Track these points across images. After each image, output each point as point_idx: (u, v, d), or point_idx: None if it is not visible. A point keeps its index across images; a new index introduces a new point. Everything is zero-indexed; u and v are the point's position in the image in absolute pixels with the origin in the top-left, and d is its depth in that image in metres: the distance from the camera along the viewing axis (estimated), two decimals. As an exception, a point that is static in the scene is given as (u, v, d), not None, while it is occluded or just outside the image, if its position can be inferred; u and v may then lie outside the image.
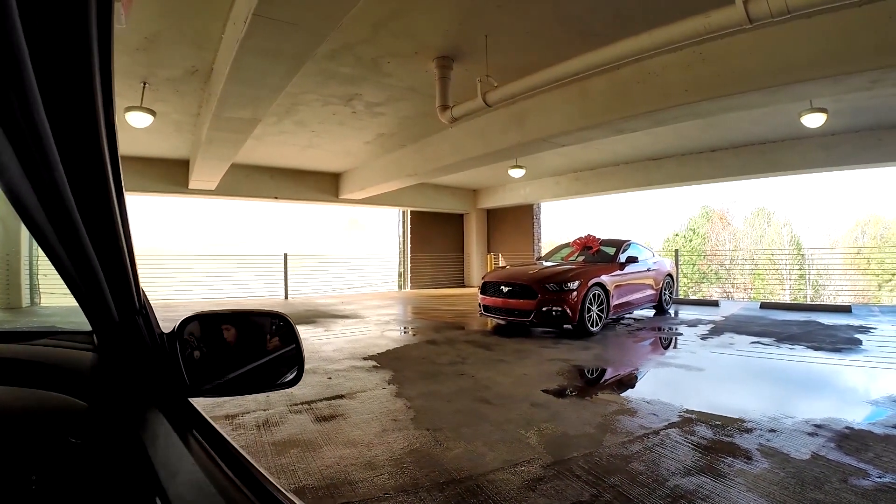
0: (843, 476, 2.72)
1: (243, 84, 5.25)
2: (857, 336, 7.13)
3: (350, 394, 4.44)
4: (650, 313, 10.01)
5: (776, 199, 43.21)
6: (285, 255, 14.12)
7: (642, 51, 4.52)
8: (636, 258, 8.88)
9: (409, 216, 17.30)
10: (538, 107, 7.27)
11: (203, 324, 1.00)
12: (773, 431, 3.44)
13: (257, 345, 1.08)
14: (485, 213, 18.55)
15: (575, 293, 7.27)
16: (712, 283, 24.98)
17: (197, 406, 0.97)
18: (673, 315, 9.96)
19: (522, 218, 17.32)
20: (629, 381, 4.99)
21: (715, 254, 26.89)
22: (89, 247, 0.65)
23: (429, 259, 17.64)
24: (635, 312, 9.75)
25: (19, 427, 0.73)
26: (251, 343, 1.07)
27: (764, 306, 11.21)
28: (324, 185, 14.04)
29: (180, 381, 0.93)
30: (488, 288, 8.18)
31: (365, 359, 5.87)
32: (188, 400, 0.95)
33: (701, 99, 5.56)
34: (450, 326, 8.57)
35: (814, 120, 7.37)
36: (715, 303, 12.11)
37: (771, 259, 22.33)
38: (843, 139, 9.63)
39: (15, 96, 0.42)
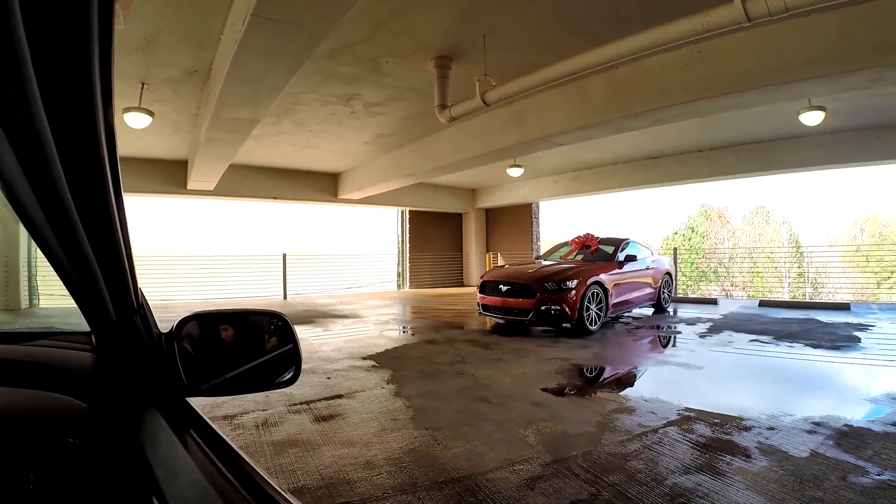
0: (842, 474, 2.72)
1: (242, 84, 5.25)
2: (856, 334, 7.14)
3: (349, 393, 4.45)
4: (649, 312, 10.02)
5: (775, 198, 43.13)
6: (284, 256, 14.12)
7: (641, 50, 4.52)
8: (635, 257, 8.89)
9: (408, 216, 17.30)
10: (537, 106, 7.26)
11: (200, 324, 1.00)
12: (772, 429, 3.44)
13: (255, 344, 1.08)
14: (483, 213, 18.56)
15: (573, 292, 7.28)
16: (711, 282, 25.00)
17: (195, 406, 0.97)
18: (672, 313, 9.97)
19: (521, 217, 17.32)
20: (628, 380, 5.00)
21: (714, 252, 26.90)
22: (87, 247, 0.65)
23: (428, 258, 17.64)
24: (634, 311, 9.76)
25: (18, 427, 0.73)
26: (249, 343, 1.07)
27: (763, 304, 11.24)
28: (322, 185, 14.03)
29: (178, 381, 0.93)
30: (487, 287, 8.18)
31: (364, 358, 5.87)
32: (186, 400, 0.96)
33: (699, 98, 5.56)
34: (449, 326, 8.58)
35: (812, 118, 7.38)
36: (714, 301, 12.12)
37: (770, 257, 22.34)
38: (842, 137, 9.63)
39: (15, 96, 0.42)
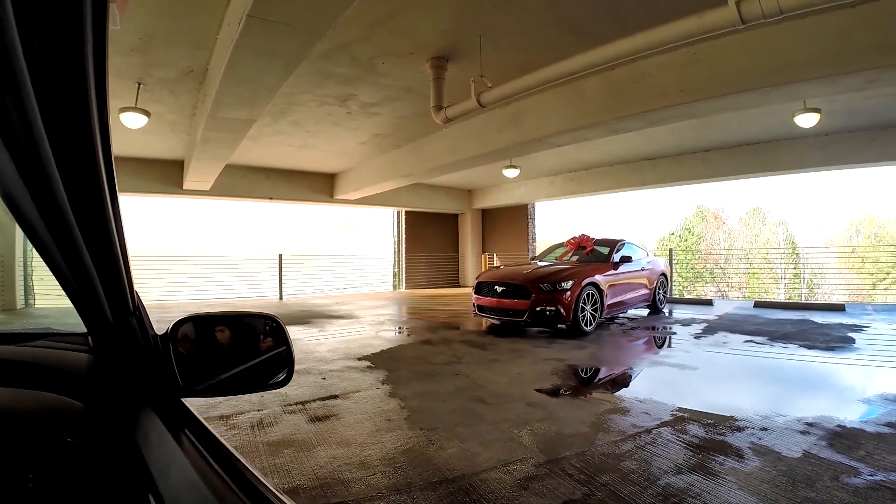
0: (835, 474, 2.74)
1: (238, 84, 5.25)
2: (851, 335, 7.17)
3: (344, 394, 4.45)
4: (644, 313, 10.04)
5: (771, 199, 43.27)
6: (280, 256, 14.11)
7: (637, 51, 4.53)
8: (630, 258, 8.90)
9: (404, 216, 17.31)
10: (534, 107, 7.28)
11: (195, 326, 1.01)
12: (765, 430, 3.46)
13: (248, 346, 1.09)
14: (480, 213, 18.57)
15: (569, 293, 7.29)
16: (707, 283, 25.06)
17: (190, 406, 0.98)
18: (667, 314, 9.99)
19: (517, 218, 17.34)
20: (623, 381, 5.01)
21: (710, 253, 26.96)
22: (83, 248, 0.66)
23: (424, 259, 17.65)
24: (629, 312, 9.78)
25: (16, 427, 0.74)
26: (242, 344, 1.08)
27: (758, 305, 11.28)
28: (319, 186, 14.03)
29: (173, 382, 0.94)
30: (483, 288, 8.19)
31: (359, 359, 5.87)
32: (181, 400, 0.97)
33: (695, 99, 5.58)
34: (445, 326, 8.58)
35: (807, 120, 7.42)
36: (709, 302, 12.16)
37: (766, 258, 22.38)
38: (838, 139, 9.68)
39: (10, 97, 0.42)
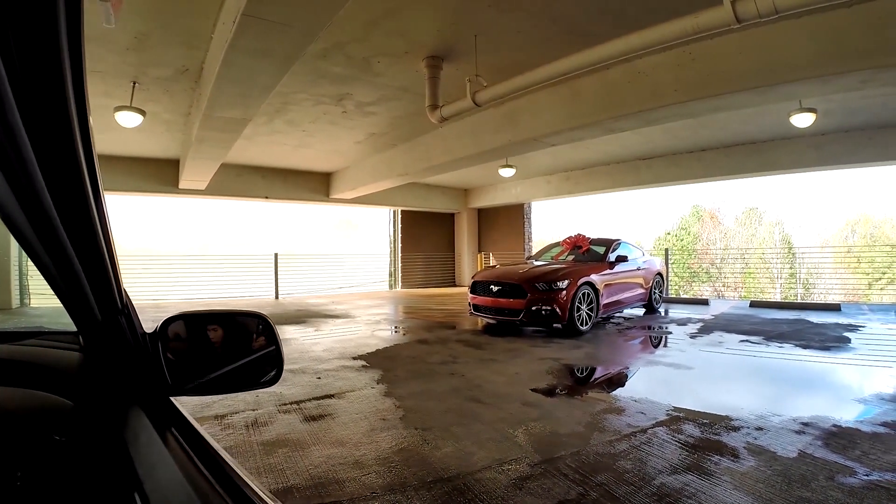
0: (830, 474, 2.74)
1: (234, 83, 5.23)
2: (846, 334, 7.19)
3: (339, 393, 4.43)
4: (640, 312, 10.05)
5: (767, 199, 43.46)
6: (275, 255, 14.07)
7: (632, 50, 4.53)
8: (626, 257, 8.92)
9: (400, 216, 17.29)
10: (529, 106, 7.27)
11: (185, 324, 1.01)
12: (761, 429, 3.46)
13: (238, 345, 1.09)
14: (476, 213, 18.57)
15: (564, 292, 7.29)
16: (703, 282, 25.12)
17: (179, 405, 0.98)
18: (663, 314, 10.01)
19: (513, 217, 17.34)
20: (618, 380, 5.01)
21: (706, 253, 27.03)
22: (69, 247, 0.66)
23: (420, 258, 17.63)
24: (625, 311, 9.79)
25: (6, 425, 0.74)
26: (232, 343, 1.08)
27: (754, 305, 11.30)
28: (315, 185, 13.99)
29: (162, 381, 0.94)
30: (478, 287, 8.18)
31: (355, 358, 5.86)
32: (170, 399, 0.97)
33: (691, 99, 5.59)
34: (440, 326, 8.57)
35: (803, 120, 7.43)
36: (705, 301, 12.18)
37: (762, 258, 22.45)
38: (834, 139, 9.69)
39: None
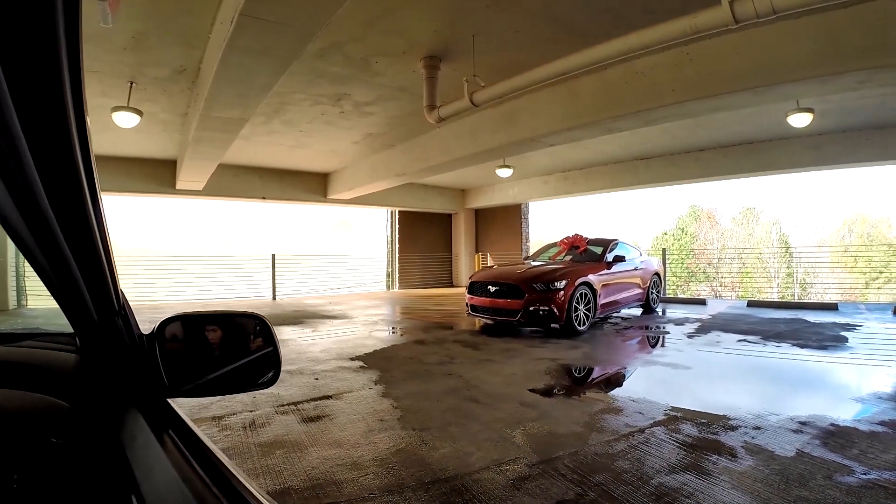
0: (828, 473, 2.74)
1: (231, 83, 5.22)
2: (844, 333, 7.21)
3: (337, 394, 4.43)
4: (638, 312, 10.06)
5: (765, 199, 43.60)
6: (273, 256, 14.06)
7: (630, 51, 4.53)
8: (623, 257, 8.92)
9: (398, 216, 17.28)
10: (527, 106, 7.27)
11: (182, 325, 1.01)
12: (758, 429, 3.47)
13: (235, 346, 1.08)
14: (473, 213, 18.57)
15: (562, 292, 7.29)
16: (700, 282, 25.16)
17: (176, 407, 0.97)
18: (660, 314, 10.01)
19: (511, 217, 17.35)
20: (616, 380, 5.01)
21: (703, 253, 27.06)
22: (66, 249, 0.66)
23: (417, 259, 17.63)
24: (623, 311, 9.79)
25: (1, 427, 0.74)
26: (229, 344, 1.07)
27: (751, 304, 11.32)
28: (312, 186, 13.98)
29: (159, 382, 0.94)
30: (476, 288, 8.18)
31: (352, 359, 5.85)
32: (167, 400, 0.97)
33: (689, 99, 5.59)
34: (438, 326, 8.57)
35: (800, 120, 7.44)
36: (702, 301, 12.20)
37: (759, 258, 22.49)
38: (832, 139, 9.72)
39: None
